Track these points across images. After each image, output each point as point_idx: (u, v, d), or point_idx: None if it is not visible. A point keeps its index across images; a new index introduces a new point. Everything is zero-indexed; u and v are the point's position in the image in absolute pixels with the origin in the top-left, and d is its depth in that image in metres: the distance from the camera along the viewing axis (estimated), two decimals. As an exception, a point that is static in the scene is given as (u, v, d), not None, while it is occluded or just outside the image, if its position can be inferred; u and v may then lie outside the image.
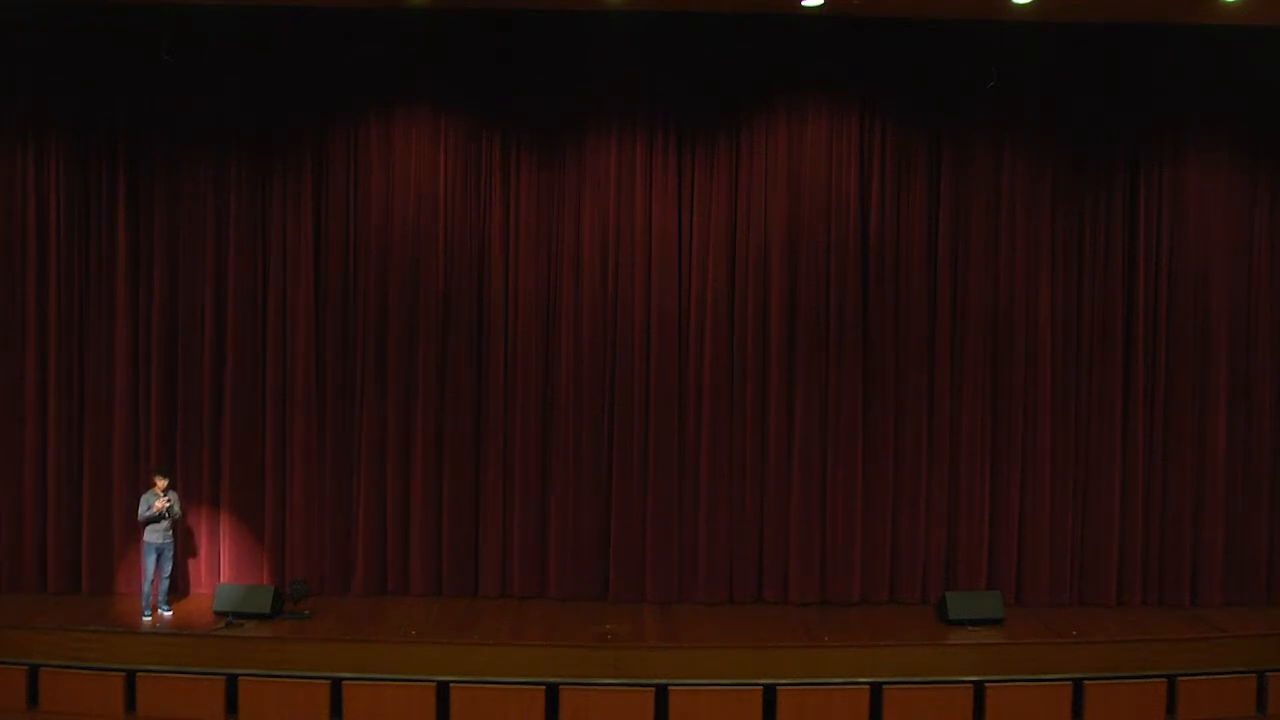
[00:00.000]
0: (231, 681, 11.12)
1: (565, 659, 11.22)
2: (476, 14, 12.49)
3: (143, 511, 11.89)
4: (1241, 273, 12.99)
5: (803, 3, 11.81)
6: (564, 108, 12.79)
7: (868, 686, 11.15)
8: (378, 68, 12.67)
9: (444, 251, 12.79)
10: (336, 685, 11.12)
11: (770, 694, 11.11)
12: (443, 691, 11.07)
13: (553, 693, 11.04)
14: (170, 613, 11.98)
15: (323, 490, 12.82)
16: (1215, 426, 12.91)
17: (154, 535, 11.90)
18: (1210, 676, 11.45)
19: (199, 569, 12.84)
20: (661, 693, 11.06)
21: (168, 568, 12.04)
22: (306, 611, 12.08)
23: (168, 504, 11.86)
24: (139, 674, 11.16)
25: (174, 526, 12.04)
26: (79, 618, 11.81)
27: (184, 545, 12.66)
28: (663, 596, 12.79)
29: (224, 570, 12.78)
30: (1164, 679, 11.40)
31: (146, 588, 11.91)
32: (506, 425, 12.82)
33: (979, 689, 11.25)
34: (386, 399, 12.80)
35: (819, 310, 12.81)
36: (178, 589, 12.59)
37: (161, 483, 11.93)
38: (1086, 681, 11.33)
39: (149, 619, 11.82)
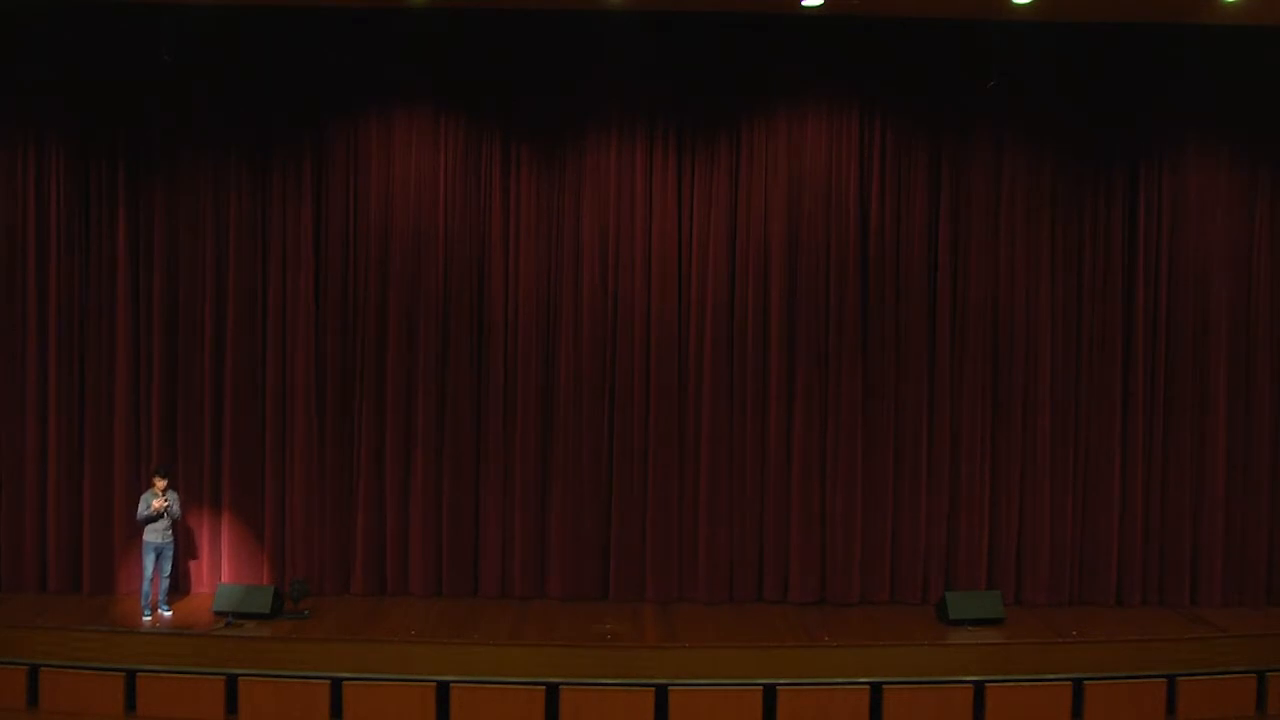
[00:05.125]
0: (231, 681, 11.12)
1: (565, 659, 11.22)
2: (477, 14, 12.49)
3: (141, 511, 11.91)
4: (1241, 273, 12.99)
5: (802, 3, 11.81)
6: (564, 108, 12.79)
7: (867, 686, 11.15)
8: (378, 68, 12.67)
9: (444, 251, 12.80)
10: (336, 685, 11.12)
11: (770, 694, 11.11)
12: (443, 691, 11.07)
13: (553, 693, 11.04)
14: (170, 613, 11.98)
15: (323, 490, 12.83)
16: (1215, 426, 12.91)
17: (153, 535, 11.91)
18: (1210, 676, 11.45)
19: (199, 569, 12.84)
20: (661, 693, 11.06)
21: (167, 567, 12.05)
22: (306, 611, 12.08)
23: (166, 504, 11.85)
24: (139, 674, 11.16)
25: (174, 526, 12.04)
26: (79, 618, 11.81)
27: (184, 545, 12.66)
28: (663, 596, 12.80)
29: (224, 570, 12.78)
30: (1164, 679, 11.40)
31: (146, 587, 11.92)
32: (506, 425, 12.82)
33: (979, 689, 11.25)
34: (386, 399, 12.80)
35: (819, 310, 12.82)
36: (178, 589, 12.59)
37: (161, 483, 11.93)
38: (1086, 681, 11.33)
39: (149, 619, 11.83)
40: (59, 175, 12.63)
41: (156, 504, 11.83)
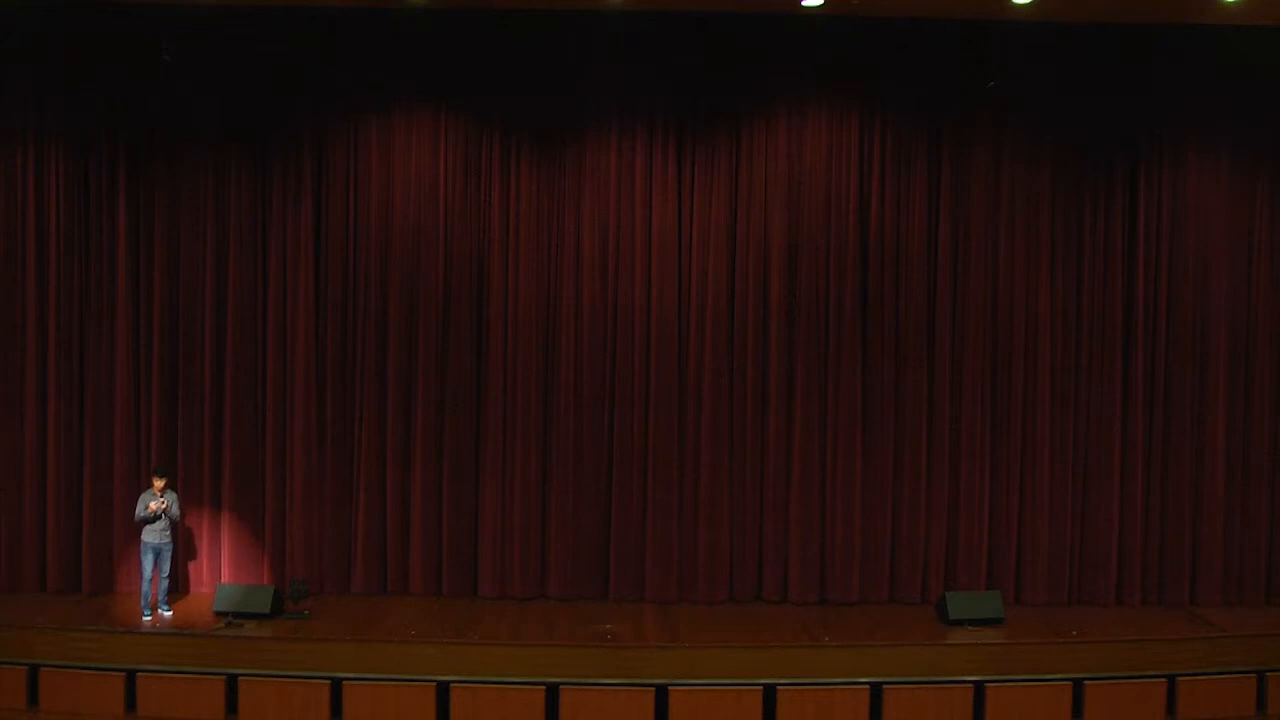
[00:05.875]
0: (231, 681, 11.12)
1: (565, 659, 11.22)
2: (476, 14, 12.49)
3: (139, 512, 11.91)
4: (1241, 272, 12.99)
5: (803, 2, 11.81)
6: (564, 108, 12.79)
7: (868, 686, 11.15)
8: (377, 67, 12.68)
9: (444, 252, 12.80)
10: (336, 685, 11.12)
11: (770, 694, 11.11)
12: (443, 691, 11.07)
13: (553, 693, 11.04)
14: (170, 613, 11.98)
15: (323, 490, 12.83)
16: (1215, 426, 12.91)
17: (151, 535, 11.91)
18: (1210, 676, 11.44)
19: (199, 569, 12.85)
20: (661, 693, 11.05)
21: (166, 567, 12.05)
22: (306, 611, 12.08)
23: (163, 505, 11.85)
24: (139, 674, 11.16)
25: (172, 526, 12.04)
26: (79, 618, 11.81)
27: (184, 545, 12.68)
28: (663, 596, 12.80)
29: (224, 570, 12.78)
30: (1164, 679, 11.40)
31: (145, 587, 11.92)
32: (506, 424, 12.82)
33: (979, 689, 11.25)
34: (386, 399, 12.81)
35: (818, 310, 12.82)
36: (178, 589, 12.60)
37: (159, 483, 11.93)
38: (1086, 681, 11.33)
39: (149, 619, 11.82)
40: (59, 175, 12.63)
41: (153, 505, 11.83)
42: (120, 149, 12.66)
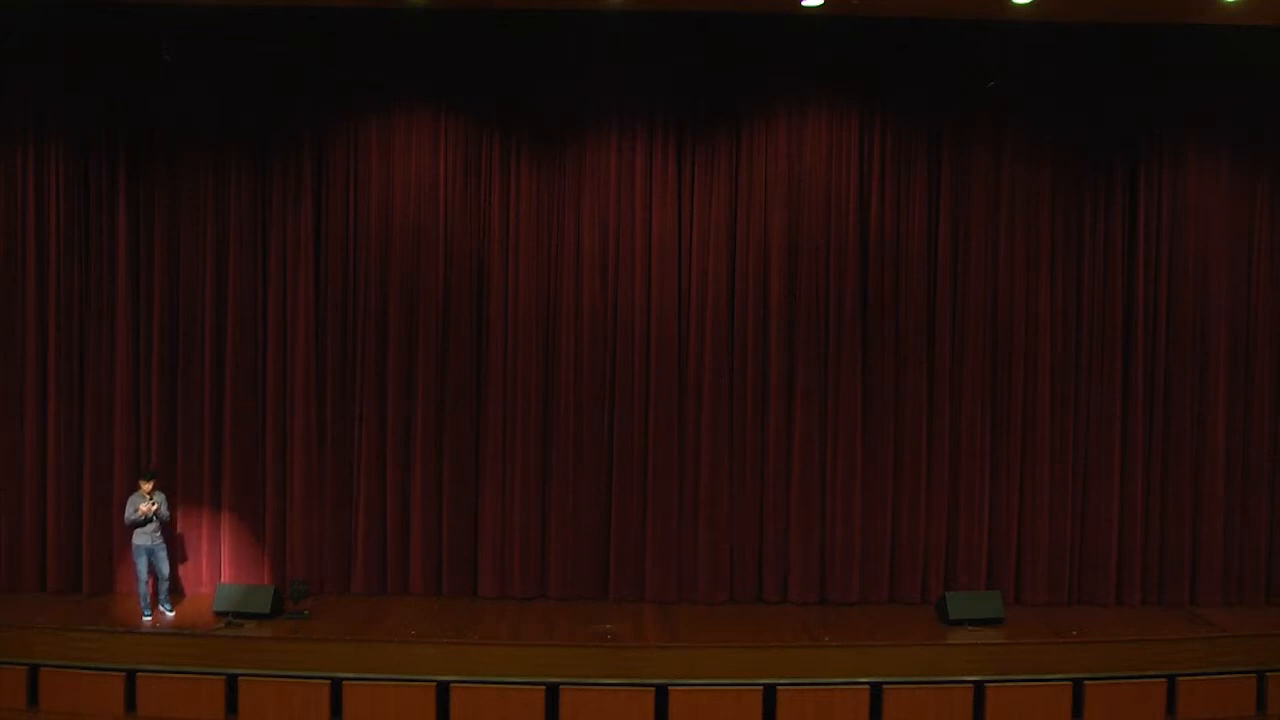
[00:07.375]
0: (231, 681, 11.12)
1: (565, 659, 11.22)
2: (476, 14, 12.50)
3: (129, 515, 11.91)
4: (1241, 272, 12.99)
5: (803, 2, 11.81)
6: (564, 108, 12.80)
7: (868, 686, 11.15)
8: (377, 68, 12.68)
9: (444, 252, 12.80)
10: (336, 685, 11.12)
11: (770, 694, 11.11)
12: (443, 691, 11.07)
13: (553, 693, 11.04)
14: (171, 613, 11.98)
15: (323, 490, 12.83)
16: (1215, 426, 12.91)
17: (142, 537, 11.91)
18: (1210, 676, 11.45)
19: (199, 569, 12.85)
20: (661, 693, 11.06)
21: (164, 568, 12.05)
22: (306, 611, 12.08)
23: (154, 507, 11.84)
24: (139, 674, 11.17)
25: (163, 527, 12.03)
26: (79, 618, 11.81)
27: (183, 545, 12.69)
28: (663, 596, 12.80)
29: (224, 570, 12.79)
30: (1164, 679, 11.40)
31: (142, 589, 11.92)
32: (506, 425, 12.82)
33: (979, 689, 11.25)
34: (386, 399, 12.81)
35: (818, 310, 12.82)
36: (178, 589, 12.60)
37: (147, 485, 11.92)
38: (1086, 681, 11.33)
39: (149, 619, 11.82)
40: (59, 175, 12.63)
41: (144, 507, 11.83)
42: (120, 149, 12.66)
